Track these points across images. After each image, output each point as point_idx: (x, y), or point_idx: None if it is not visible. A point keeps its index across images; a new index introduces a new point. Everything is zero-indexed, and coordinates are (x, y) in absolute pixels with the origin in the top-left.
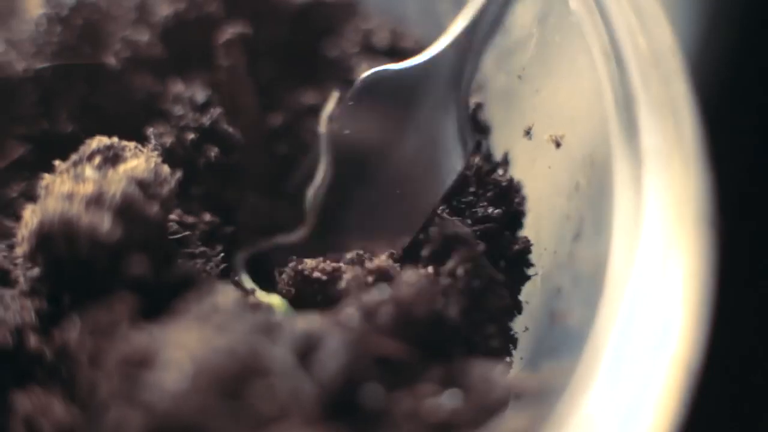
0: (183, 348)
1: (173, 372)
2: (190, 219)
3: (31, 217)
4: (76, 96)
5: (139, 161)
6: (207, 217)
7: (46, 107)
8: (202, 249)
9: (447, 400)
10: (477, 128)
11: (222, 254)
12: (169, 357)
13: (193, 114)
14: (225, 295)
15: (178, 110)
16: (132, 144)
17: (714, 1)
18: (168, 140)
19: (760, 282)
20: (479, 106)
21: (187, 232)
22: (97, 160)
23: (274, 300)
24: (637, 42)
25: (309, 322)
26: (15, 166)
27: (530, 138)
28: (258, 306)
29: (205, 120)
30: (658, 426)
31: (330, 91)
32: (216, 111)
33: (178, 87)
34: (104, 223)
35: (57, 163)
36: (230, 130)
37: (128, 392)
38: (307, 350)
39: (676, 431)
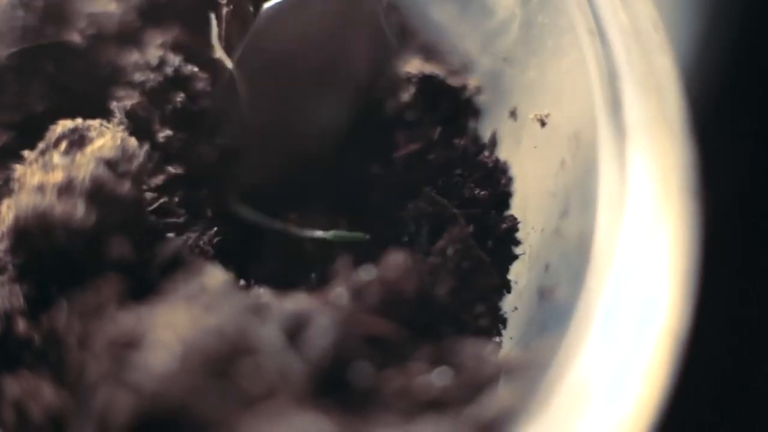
0: (171, 328)
1: (161, 353)
2: (159, 179)
3: (6, 213)
4: (45, 78)
5: (105, 139)
6: (171, 170)
7: (23, 93)
8: (186, 217)
9: (437, 378)
10: (471, 111)
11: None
12: (157, 338)
13: (153, 74)
14: (213, 275)
15: (138, 77)
16: (97, 122)
17: (714, 1)
18: (130, 102)
19: (758, 282)
20: (478, 90)
21: (164, 199)
22: (64, 145)
23: (342, 235)
24: (619, 18)
25: (298, 301)
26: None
27: (515, 119)
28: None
29: (168, 69)
30: (646, 395)
31: None
32: (175, 59)
33: (134, 56)
34: (77, 210)
35: (26, 153)
36: (195, 70)
37: (117, 374)
38: (296, 329)
39: (663, 400)
